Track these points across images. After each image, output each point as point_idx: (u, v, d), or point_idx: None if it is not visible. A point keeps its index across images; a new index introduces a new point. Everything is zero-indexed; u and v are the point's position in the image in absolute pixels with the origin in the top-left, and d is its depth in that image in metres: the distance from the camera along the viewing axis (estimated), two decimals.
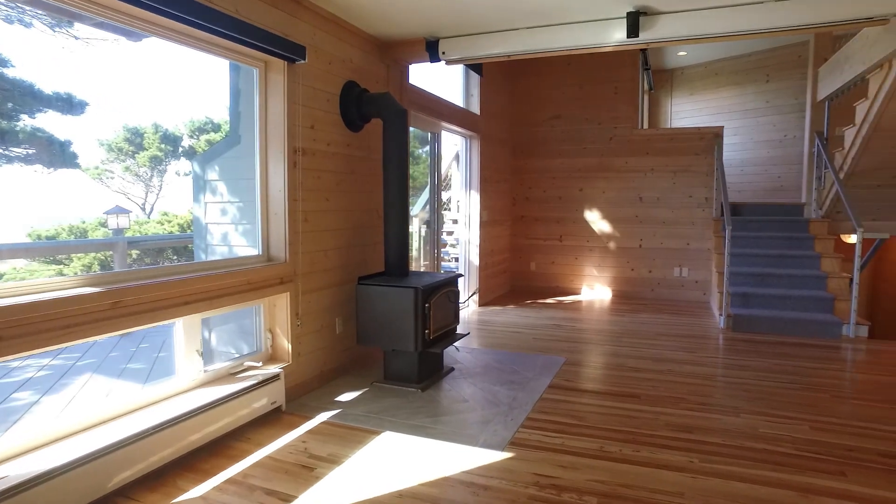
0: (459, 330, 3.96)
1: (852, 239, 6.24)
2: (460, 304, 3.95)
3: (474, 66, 5.74)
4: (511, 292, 7.20)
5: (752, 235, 5.87)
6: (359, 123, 3.71)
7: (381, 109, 3.59)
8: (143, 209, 7.80)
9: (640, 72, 6.80)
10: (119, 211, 4.89)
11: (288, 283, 3.13)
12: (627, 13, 3.28)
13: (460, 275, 3.90)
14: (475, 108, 6.01)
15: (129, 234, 5.19)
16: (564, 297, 6.88)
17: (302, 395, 3.28)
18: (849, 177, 5.33)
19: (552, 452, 2.58)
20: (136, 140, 7.53)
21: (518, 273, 7.44)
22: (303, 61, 3.06)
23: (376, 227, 4.04)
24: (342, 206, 3.62)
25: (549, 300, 6.69)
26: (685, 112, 8.96)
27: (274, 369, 3.02)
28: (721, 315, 5.10)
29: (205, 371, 2.79)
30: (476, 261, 6.16)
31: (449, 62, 3.98)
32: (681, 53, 8.13)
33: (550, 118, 7.11)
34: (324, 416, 2.99)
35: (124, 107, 5.44)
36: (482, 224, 6.25)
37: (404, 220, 3.62)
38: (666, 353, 4.30)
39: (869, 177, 5.31)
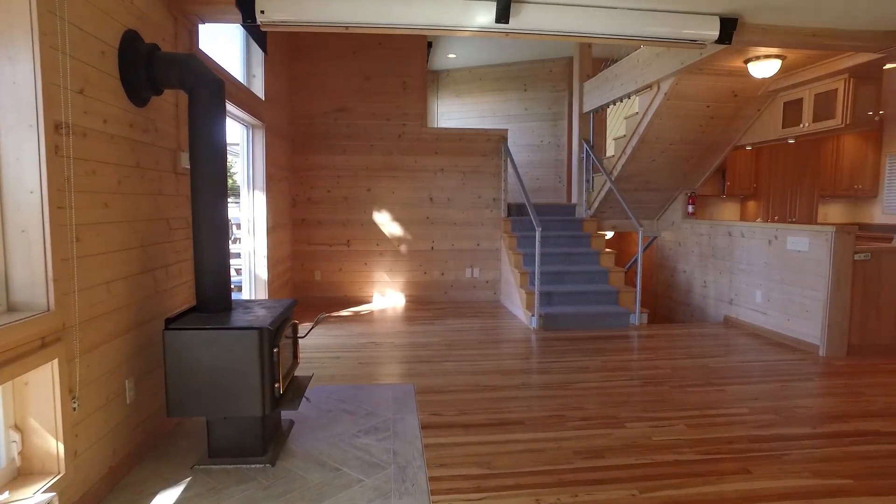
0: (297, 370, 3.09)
1: (608, 234, 7.16)
2: (299, 337, 3.09)
3: (259, 40, 4.72)
4: (296, 307, 6.31)
5: (541, 235, 6.22)
6: (145, 95, 2.54)
7: (185, 77, 2.51)
8: None
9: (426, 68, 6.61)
10: None
11: (54, 345, 1.90)
12: None
13: (295, 300, 3.04)
14: (259, 92, 4.98)
15: None
16: (357, 308, 6.31)
17: None
18: (615, 181, 6.02)
19: None
20: None
21: (301, 284, 6.58)
22: None
23: (171, 242, 2.88)
24: (127, 215, 2.43)
25: (344, 312, 6.04)
26: (451, 114, 9.20)
27: (39, 496, 1.79)
28: (533, 315, 5.21)
29: None
30: (264, 274, 5.15)
31: (267, 25, 3.06)
32: (450, 56, 8.27)
33: (334, 110, 6.43)
34: None
35: None
36: (269, 230, 5.26)
37: (223, 233, 2.62)
38: (506, 364, 4.13)
39: (629, 182, 6.08)
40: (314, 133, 6.42)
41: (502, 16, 2.94)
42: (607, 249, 6.06)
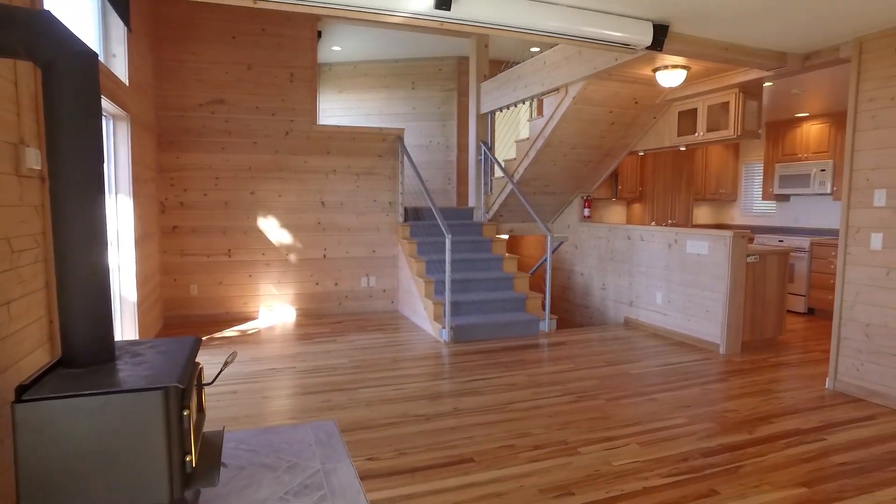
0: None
1: (504, 235, 7.10)
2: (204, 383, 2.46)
3: (121, 11, 3.87)
4: (168, 329, 5.42)
5: (440, 240, 5.96)
6: None
7: (36, 43, 1.82)
8: None
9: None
10: None
11: None
12: None
13: (199, 339, 2.42)
14: (121, 76, 4.12)
15: None
16: (243, 326, 5.58)
17: None
18: (517, 184, 5.94)
19: None
20: None
21: (173, 301, 5.67)
22: None
23: (14, 269, 2.13)
24: None
25: (228, 332, 5.30)
26: (333, 110, 8.61)
27: None
28: (443, 328, 4.92)
29: None
30: (132, 295, 4.29)
31: None
32: (335, 48, 7.70)
33: (211, 102, 5.60)
34: None
35: None
36: (136, 241, 4.39)
37: (101, 252, 1.96)
38: (431, 386, 3.79)
39: (529, 185, 6.04)
40: (187, 128, 5.55)
41: (444, 1, 2.59)
42: (508, 254, 5.97)
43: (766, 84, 4.91)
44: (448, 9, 2.62)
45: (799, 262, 6.28)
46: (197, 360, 4.17)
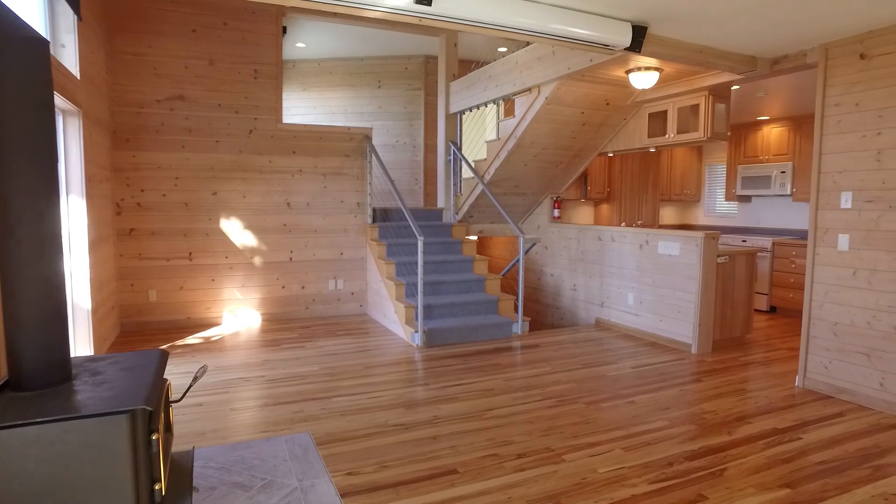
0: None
1: (473, 237, 7.04)
2: (173, 398, 2.28)
3: None
4: (125, 336, 5.14)
5: (411, 242, 5.86)
6: None
7: None
8: None
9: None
10: None
11: None
12: None
13: (165, 352, 2.25)
14: (72, 67, 3.85)
15: None
16: (206, 332, 5.34)
17: None
18: (487, 185, 5.88)
19: None
20: None
21: (130, 308, 5.38)
22: None
23: None
24: None
25: (190, 339, 5.06)
26: (297, 108, 8.39)
27: None
28: (415, 332, 4.81)
29: None
30: (86, 302, 4.03)
31: None
32: (299, 45, 7.49)
33: (169, 98, 5.33)
34: None
35: None
36: (91, 245, 4.12)
37: (53, 262, 1.78)
38: (407, 394, 3.68)
39: (499, 186, 5.99)
40: (144, 125, 5.26)
41: None
42: (478, 255, 5.91)
43: (733, 87, 4.99)
44: (429, 4, 2.52)
45: (762, 262, 6.43)
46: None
